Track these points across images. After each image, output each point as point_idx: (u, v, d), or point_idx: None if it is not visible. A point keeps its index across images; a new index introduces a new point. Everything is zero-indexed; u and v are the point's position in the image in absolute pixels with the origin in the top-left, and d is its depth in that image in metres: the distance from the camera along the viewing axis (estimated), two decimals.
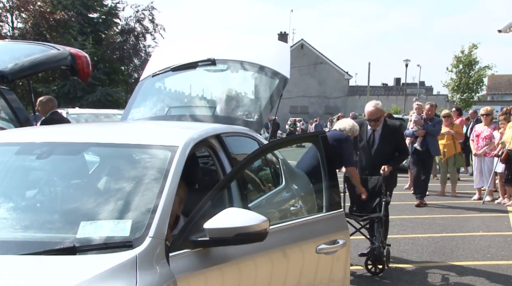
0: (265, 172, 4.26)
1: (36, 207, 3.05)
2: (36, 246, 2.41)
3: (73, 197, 2.98)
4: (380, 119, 6.46)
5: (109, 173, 3.19)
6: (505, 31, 15.47)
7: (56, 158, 3.17)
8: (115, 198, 2.77)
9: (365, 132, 6.52)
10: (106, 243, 2.40)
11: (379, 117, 6.44)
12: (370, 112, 6.42)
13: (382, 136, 6.42)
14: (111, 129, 3.91)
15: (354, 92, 54.43)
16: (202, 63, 5.07)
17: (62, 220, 2.74)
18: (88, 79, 6.42)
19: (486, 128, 11.11)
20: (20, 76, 5.64)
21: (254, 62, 5.10)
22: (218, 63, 5.06)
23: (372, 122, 6.45)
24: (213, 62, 5.03)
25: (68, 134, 3.48)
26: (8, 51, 5.93)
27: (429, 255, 6.92)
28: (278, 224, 3.15)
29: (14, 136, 3.53)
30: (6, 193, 3.07)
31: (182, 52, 5.34)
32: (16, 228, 2.67)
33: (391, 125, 6.60)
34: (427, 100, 45.75)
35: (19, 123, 5.60)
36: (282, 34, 55.46)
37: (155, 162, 2.96)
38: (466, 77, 31.27)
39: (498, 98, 52.91)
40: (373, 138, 6.51)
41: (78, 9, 30.41)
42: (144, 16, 33.53)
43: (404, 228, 8.47)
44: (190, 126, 3.97)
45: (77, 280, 2.15)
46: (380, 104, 6.59)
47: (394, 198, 10.80)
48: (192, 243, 2.54)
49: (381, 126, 6.48)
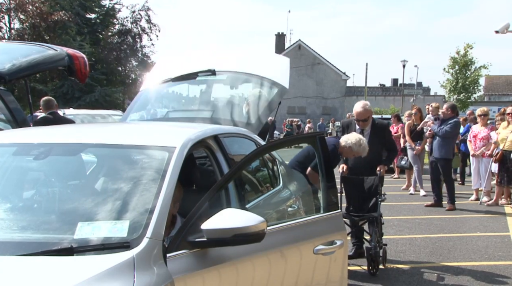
0: (263, 173, 4.27)
1: (34, 207, 3.05)
2: (33, 247, 2.40)
3: (71, 198, 2.98)
4: (368, 120, 6.53)
5: (107, 173, 3.19)
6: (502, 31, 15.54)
7: (54, 159, 3.17)
8: (112, 199, 2.77)
9: (353, 131, 6.57)
10: (104, 244, 2.39)
11: (368, 117, 6.51)
12: (359, 113, 6.48)
13: (371, 136, 6.46)
14: (109, 130, 3.90)
15: (351, 93, 54.49)
16: (202, 73, 5.21)
17: (60, 220, 2.73)
18: (86, 80, 6.41)
19: (483, 129, 11.13)
20: (17, 77, 5.63)
21: (255, 73, 5.27)
22: (218, 74, 5.21)
23: (361, 122, 6.51)
24: (213, 73, 5.17)
25: (66, 135, 3.48)
26: (5, 52, 5.92)
27: (426, 255, 6.93)
28: (275, 224, 3.15)
29: (12, 137, 3.52)
30: (4, 193, 3.07)
31: (184, 63, 5.51)
32: (14, 229, 2.67)
33: (379, 125, 6.66)
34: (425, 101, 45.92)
35: (16, 124, 5.59)
36: (280, 35, 55.48)
37: (153, 162, 2.96)
38: (462, 79, 31.31)
39: (495, 99, 53.01)
40: None
41: (75, 10, 30.39)
42: (140, 16, 33.58)
43: (401, 228, 8.48)
44: (187, 127, 3.97)
45: (75, 281, 2.15)
46: (369, 104, 6.64)
47: (392, 199, 10.84)
48: (189, 243, 2.54)
49: (370, 126, 6.54)
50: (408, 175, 12.80)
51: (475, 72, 31.54)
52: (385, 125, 6.80)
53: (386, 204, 8.85)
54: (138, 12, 33.47)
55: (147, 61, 34.85)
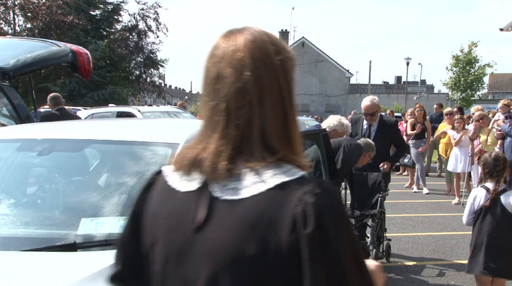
0: None
1: (37, 203, 3.06)
2: (37, 242, 2.41)
3: (74, 194, 2.99)
4: (376, 115, 6.54)
5: (110, 169, 3.19)
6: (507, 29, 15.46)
7: (57, 155, 3.17)
8: (115, 195, 2.78)
9: (360, 127, 6.58)
10: (107, 240, 2.40)
11: (375, 112, 6.51)
12: (367, 106, 6.49)
13: (378, 132, 6.46)
14: (112, 126, 3.90)
15: (355, 90, 54.40)
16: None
17: (63, 216, 2.74)
18: (89, 76, 6.42)
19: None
20: (22, 72, 5.65)
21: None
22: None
23: (369, 116, 6.51)
24: None
25: (69, 131, 3.49)
26: (9, 48, 5.93)
27: (429, 253, 6.92)
28: None
29: (15, 133, 3.53)
30: (8, 189, 3.08)
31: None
32: (17, 224, 2.68)
33: (387, 121, 6.68)
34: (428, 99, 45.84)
35: (20, 120, 5.60)
36: (283, 32, 55.42)
37: (156, 159, 2.95)
38: (466, 77, 31.19)
39: (500, 96, 52.82)
40: (369, 133, 6.55)
41: (82, 7, 30.41)
42: (148, 14, 33.66)
43: (404, 226, 8.48)
44: (191, 124, 3.97)
45: (78, 277, 2.16)
46: (377, 99, 6.66)
47: (395, 196, 10.81)
48: None
49: (377, 122, 6.55)
50: (411, 173, 12.77)
51: (479, 70, 31.42)
52: (393, 122, 6.83)
53: (389, 202, 8.83)
54: (147, 9, 33.54)
55: (153, 58, 34.90)
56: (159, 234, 1.22)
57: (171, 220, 1.20)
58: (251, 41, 1.18)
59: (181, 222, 1.18)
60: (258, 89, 1.15)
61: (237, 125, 1.15)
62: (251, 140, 1.15)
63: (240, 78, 1.15)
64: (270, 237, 1.07)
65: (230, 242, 1.10)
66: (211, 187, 1.16)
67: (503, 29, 15.43)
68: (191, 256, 1.15)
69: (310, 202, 1.08)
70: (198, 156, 1.18)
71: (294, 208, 1.08)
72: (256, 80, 1.15)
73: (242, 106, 1.15)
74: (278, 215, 1.08)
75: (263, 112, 1.15)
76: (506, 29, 15.42)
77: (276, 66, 1.18)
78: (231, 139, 1.15)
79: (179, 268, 1.17)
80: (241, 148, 1.15)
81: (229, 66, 1.16)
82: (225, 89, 1.16)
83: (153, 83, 36.47)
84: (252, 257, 1.08)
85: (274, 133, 1.16)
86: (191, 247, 1.15)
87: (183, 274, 1.16)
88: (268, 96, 1.16)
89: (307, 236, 1.05)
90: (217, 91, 1.17)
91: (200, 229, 1.14)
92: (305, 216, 1.07)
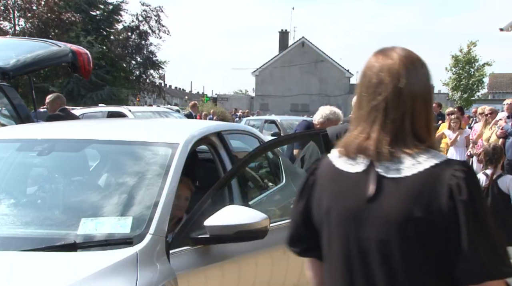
0: (266, 170, 4.26)
1: (37, 203, 3.07)
2: (37, 242, 2.41)
3: (74, 194, 2.99)
4: None
5: (110, 169, 3.20)
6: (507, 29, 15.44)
7: (57, 155, 3.17)
8: (115, 195, 2.78)
9: None
10: (107, 240, 2.40)
11: None
12: None
13: None
14: (112, 127, 3.90)
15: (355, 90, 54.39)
16: None
17: (63, 216, 2.74)
18: (89, 76, 6.41)
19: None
20: (21, 72, 5.64)
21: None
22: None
23: None
24: None
25: (69, 131, 3.49)
26: (9, 48, 5.93)
27: None
28: (278, 221, 3.15)
29: (16, 133, 3.53)
30: (8, 189, 3.08)
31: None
32: (17, 224, 2.68)
33: None
34: None
35: (20, 120, 5.60)
36: (283, 32, 55.38)
37: (156, 159, 2.96)
38: (466, 77, 31.16)
39: (500, 96, 52.79)
40: None
41: (81, 7, 30.40)
42: (151, 15, 33.69)
43: None
44: (191, 124, 3.97)
45: (78, 277, 2.16)
46: None
47: None
48: (192, 240, 2.54)
49: None
50: None
51: (478, 70, 31.38)
52: None
53: None
54: (150, 11, 33.58)
55: (152, 59, 34.90)
56: (334, 204, 1.53)
57: (345, 193, 1.51)
58: (404, 57, 1.51)
59: (355, 195, 1.49)
60: (411, 93, 1.47)
61: (393, 120, 1.46)
62: (404, 131, 1.47)
63: (397, 84, 1.47)
64: (433, 203, 1.40)
65: (400, 207, 1.41)
66: (376, 168, 1.47)
67: (503, 29, 15.42)
68: (366, 220, 1.46)
69: (461, 177, 1.40)
70: (363, 143, 1.48)
71: (449, 181, 1.40)
72: (409, 86, 1.47)
73: (398, 105, 1.47)
74: (437, 186, 1.41)
75: (414, 110, 1.47)
76: (506, 29, 15.41)
77: (421, 76, 1.51)
78: (389, 130, 1.47)
79: (355, 229, 1.47)
80: (396, 138, 1.46)
81: (388, 75, 1.48)
82: (385, 92, 1.48)
83: (153, 84, 36.46)
84: (419, 218, 1.39)
85: (421, 126, 1.48)
86: (365, 213, 1.46)
87: (359, 233, 1.47)
88: (417, 98, 1.49)
89: (463, 202, 1.38)
90: (378, 94, 1.49)
91: (372, 200, 1.45)
92: (459, 187, 1.39)
